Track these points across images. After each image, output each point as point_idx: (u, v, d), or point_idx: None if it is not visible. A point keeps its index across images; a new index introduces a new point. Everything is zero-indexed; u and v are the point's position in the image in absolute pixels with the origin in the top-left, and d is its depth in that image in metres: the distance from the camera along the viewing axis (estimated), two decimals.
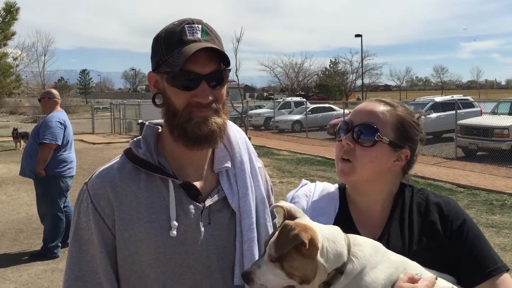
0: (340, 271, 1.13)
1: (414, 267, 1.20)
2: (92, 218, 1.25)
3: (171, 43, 1.23)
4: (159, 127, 1.39)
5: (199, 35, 1.24)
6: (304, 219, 1.19)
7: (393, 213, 1.39)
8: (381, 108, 1.39)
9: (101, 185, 1.26)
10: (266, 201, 1.42)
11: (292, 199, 1.47)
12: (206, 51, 1.21)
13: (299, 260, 1.10)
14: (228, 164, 1.38)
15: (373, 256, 1.16)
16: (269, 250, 1.13)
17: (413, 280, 1.13)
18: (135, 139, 1.36)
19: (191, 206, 1.28)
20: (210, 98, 1.24)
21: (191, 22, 1.26)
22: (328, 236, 1.14)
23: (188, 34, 1.23)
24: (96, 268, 1.25)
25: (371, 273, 1.14)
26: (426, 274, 1.18)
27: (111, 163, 1.33)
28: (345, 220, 1.38)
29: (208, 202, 1.31)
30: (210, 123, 1.25)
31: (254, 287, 1.15)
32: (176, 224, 1.25)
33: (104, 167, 1.32)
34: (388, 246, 1.25)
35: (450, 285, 1.20)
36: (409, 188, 1.46)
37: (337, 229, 1.20)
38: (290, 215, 1.20)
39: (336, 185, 1.52)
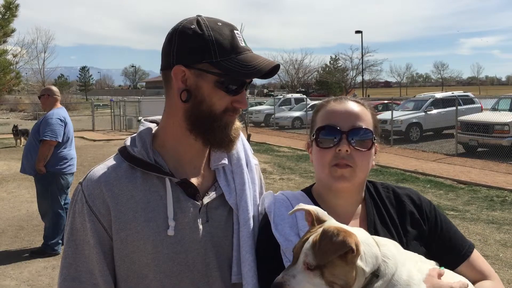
0: (375, 274, 1.09)
1: (429, 262, 1.23)
2: (88, 219, 1.23)
3: (224, 46, 1.22)
4: (155, 124, 1.37)
5: (244, 43, 1.27)
6: (332, 221, 1.14)
7: (369, 209, 1.39)
8: (360, 108, 1.38)
9: (96, 185, 1.25)
10: (258, 199, 1.41)
11: (274, 211, 1.34)
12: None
13: (342, 267, 1.03)
14: (225, 161, 1.37)
15: (399, 254, 1.15)
16: (306, 257, 1.05)
17: (440, 275, 1.18)
18: (129, 137, 1.34)
19: (189, 204, 1.27)
20: None
21: (234, 27, 1.28)
22: (362, 238, 1.09)
23: (239, 41, 1.25)
24: (92, 268, 1.23)
25: (404, 272, 1.11)
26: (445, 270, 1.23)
27: (106, 162, 1.31)
28: None
29: (205, 200, 1.30)
30: (236, 128, 1.31)
31: None
32: (174, 222, 1.24)
33: (98, 166, 1.30)
34: None
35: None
36: (369, 183, 1.46)
37: (365, 232, 1.15)
38: (317, 219, 1.14)
39: (300, 191, 1.45)
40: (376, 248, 1.11)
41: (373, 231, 1.34)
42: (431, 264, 1.22)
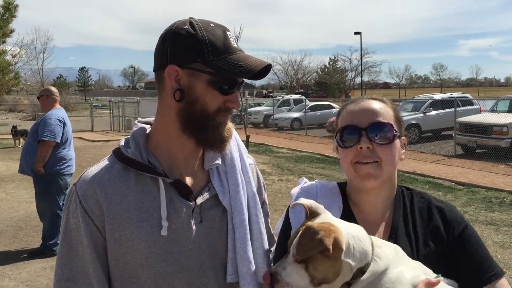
0: (363, 270, 1.11)
1: (431, 274, 1.21)
2: (81, 219, 1.24)
3: (217, 46, 1.24)
4: (148, 125, 1.38)
5: (236, 44, 1.29)
6: (326, 215, 1.17)
7: (396, 216, 1.38)
8: (379, 105, 1.39)
9: (89, 186, 1.25)
10: (257, 197, 1.41)
11: (296, 196, 1.44)
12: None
13: (324, 262, 1.07)
14: (219, 161, 1.38)
15: (395, 258, 1.16)
16: (293, 250, 1.11)
17: (433, 285, 1.15)
18: (123, 138, 1.35)
19: (182, 205, 1.28)
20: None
21: (226, 28, 1.30)
22: (354, 233, 1.12)
23: (232, 42, 1.27)
24: (86, 269, 1.24)
25: (394, 271, 1.13)
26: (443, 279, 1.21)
27: (100, 163, 1.32)
28: (350, 220, 1.33)
29: (199, 200, 1.31)
30: (229, 128, 1.32)
31: (278, 287, 1.13)
32: (167, 223, 1.24)
33: (92, 168, 1.31)
34: None
35: None
36: (406, 190, 1.46)
37: (361, 228, 1.17)
38: (311, 212, 1.18)
39: (335, 183, 1.49)
40: (367, 245, 1.12)
41: (394, 237, 1.33)
42: (431, 274, 1.20)
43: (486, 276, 1.31)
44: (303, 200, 1.21)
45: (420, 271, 1.18)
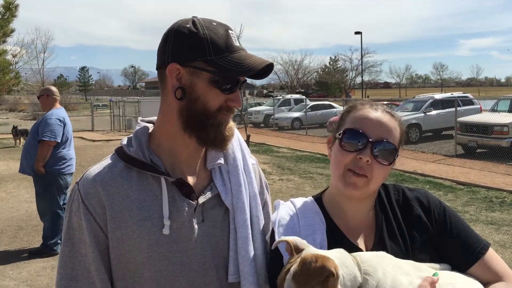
0: None
1: (426, 269, 1.21)
2: (84, 218, 1.24)
3: (219, 45, 1.23)
4: (151, 124, 1.38)
5: (238, 43, 1.28)
6: (310, 249, 1.15)
7: (378, 216, 1.37)
8: (392, 122, 1.35)
9: (92, 185, 1.25)
10: (258, 198, 1.41)
11: (279, 222, 1.36)
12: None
13: None
14: (221, 161, 1.37)
15: (384, 267, 1.15)
16: (291, 285, 1.06)
17: (433, 283, 1.15)
18: (126, 137, 1.35)
19: (184, 204, 1.27)
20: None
21: (229, 27, 1.29)
22: (339, 262, 1.10)
23: (234, 41, 1.26)
24: (89, 267, 1.24)
25: (388, 281, 1.12)
26: (441, 273, 1.21)
27: (102, 162, 1.32)
28: (336, 234, 1.33)
29: (201, 199, 1.30)
30: (230, 127, 1.32)
31: None
32: (169, 222, 1.24)
33: (95, 166, 1.31)
34: (387, 251, 1.25)
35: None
36: (382, 187, 1.44)
37: (342, 252, 1.17)
38: (296, 248, 1.15)
39: (310, 198, 1.45)
40: (354, 268, 1.12)
41: (379, 238, 1.33)
42: (430, 273, 1.20)
43: (475, 251, 1.33)
44: (287, 238, 1.18)
45: (413, 271, 1.18)
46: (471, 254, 1.33)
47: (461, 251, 1.33)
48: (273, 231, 1.35)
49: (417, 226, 1.36)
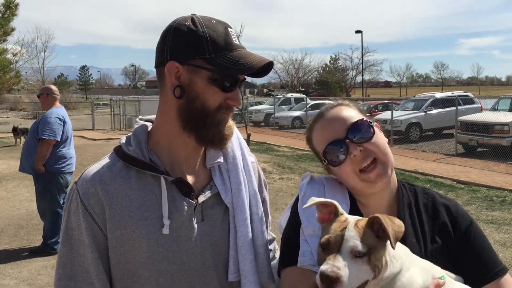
0: None
1: (439, 271, 1.21)
2: (82, 218, 1.23)
3: (218, 43, 1.22)
4: (150, 123, 1.37)
5: (237, 41, 1.27)
6: (348, 215, 1.17)
7: (402, 212, 1.37)
8: (343, 107, 1.40)
9: (90, 184, 1.24)
10: (258, 196, 1.40)
11: (305, 189, 1.36)
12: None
13: (383, 251, 1.08)
14: (221, 160, 1.37)
15: (406, 258, 1.15)
16: (354, 246, 1.05)
17: (439, 286, 1.15)
18: (125, 136, 1.34)
19: (184, 203, 1.27)
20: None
21: (228, 25, 1.28)
22: None
23: (233, 39, 1.25)
24: (87, 267, 1.23)
25: (406, 275, 1.12)
26: (448, 277, 1.21)
27: (101, 161, 1.31)
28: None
29: (201, 199, 1.30)
30: (230, 126, 1.31)
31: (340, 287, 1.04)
32: (169, 221, 1.23)
33: (93, 166, 1.30)
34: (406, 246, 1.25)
35: None
36: (408, 185, 1.46)
37: None
38: (336, 212, 1.16)
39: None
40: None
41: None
42: (439, 273, 1.20)
43: (491, 272, 1.31)
44: (332, 200, 1.18)
45: (429, 272, 1.18)
46: (487, 273, 1.31)
47: (478, 268, 1.32)
48: (297, 198, 1.36)
49: (441, 233, 1.35)
